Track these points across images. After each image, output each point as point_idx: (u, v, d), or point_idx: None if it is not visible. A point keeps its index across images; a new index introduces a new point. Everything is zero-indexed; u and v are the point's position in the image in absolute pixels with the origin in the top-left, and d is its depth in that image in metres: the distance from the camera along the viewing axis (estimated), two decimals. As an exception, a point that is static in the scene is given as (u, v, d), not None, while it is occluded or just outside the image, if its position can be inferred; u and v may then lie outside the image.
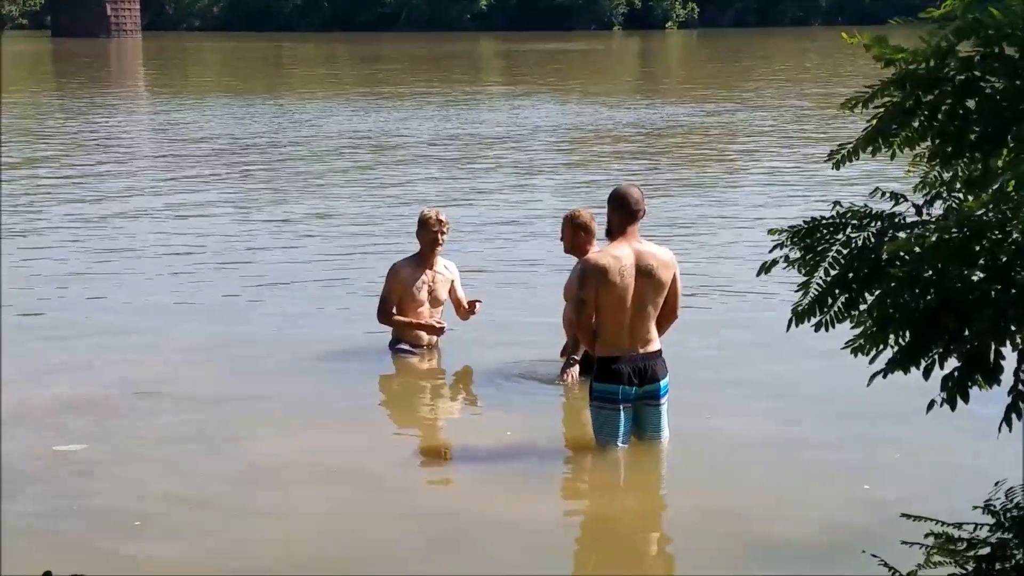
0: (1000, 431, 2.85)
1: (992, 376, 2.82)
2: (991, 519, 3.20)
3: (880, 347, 2.92)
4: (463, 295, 7.75)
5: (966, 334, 2.75)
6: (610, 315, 5.61)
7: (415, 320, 7.61)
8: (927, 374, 2.85)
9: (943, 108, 2.77)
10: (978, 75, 2.74)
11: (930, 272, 2.76)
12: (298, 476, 5.60)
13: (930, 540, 3.24)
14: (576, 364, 6.80)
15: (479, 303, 7.69)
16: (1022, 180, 2.59)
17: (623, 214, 5.69)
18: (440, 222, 7.58)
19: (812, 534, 4.95)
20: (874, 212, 3.01)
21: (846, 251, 2.96)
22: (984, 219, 2.69)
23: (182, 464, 5.72)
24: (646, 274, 5.62)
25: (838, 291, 2.97)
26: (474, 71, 43.69)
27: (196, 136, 20.96)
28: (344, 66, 46.17)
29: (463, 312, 7.76)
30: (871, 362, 2.94)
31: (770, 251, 3.10)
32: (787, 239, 3.07)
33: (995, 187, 2.73)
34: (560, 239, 7.04)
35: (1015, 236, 2.66)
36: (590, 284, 5.60)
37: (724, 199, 14.23)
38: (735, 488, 5.46)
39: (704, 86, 33.57)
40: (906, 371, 2.87)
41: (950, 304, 2.75)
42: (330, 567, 4.67)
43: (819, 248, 2.98)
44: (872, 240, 2.93)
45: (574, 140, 20.56)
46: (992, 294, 2.70)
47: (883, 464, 5.76)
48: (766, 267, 3.11)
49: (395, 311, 7.61)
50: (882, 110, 2.87)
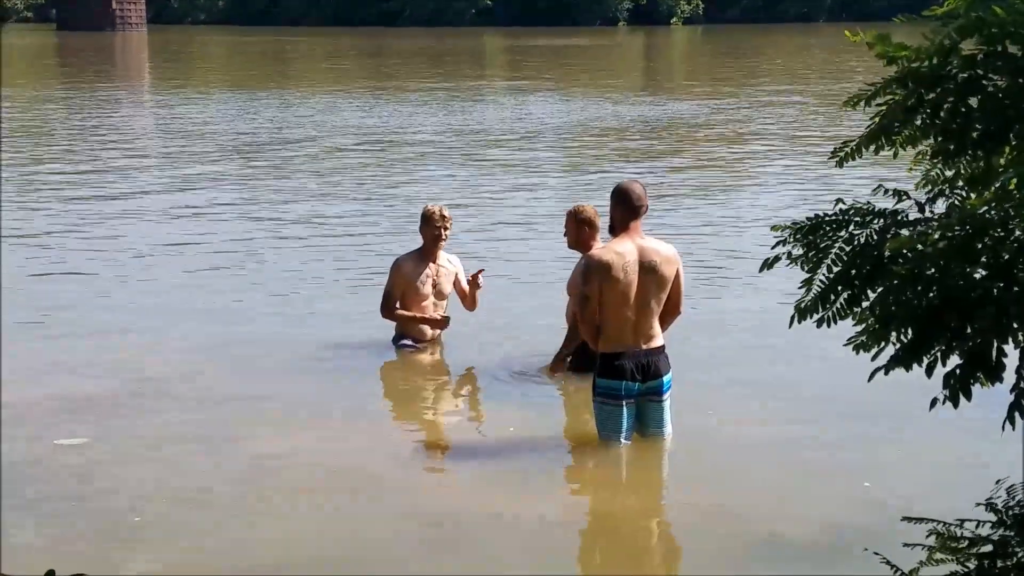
0: (1004, 429, 2.85)
1: (994, 374, 2.82)
2: (993, 517, 3.20)
3: (882, 344, 2.92)
4: (468, 286, 7.75)
5: (968, 332, 2.75)
6: (613, 311, 5.61)
7: (419, 314, 7.61)
8: (929, 371, 2.86)
9: (946, 106, 2.77)
10: (981, 73, 2.74)
11: (932, 270, 2.76)
12: (299, 475, 5.60)
13: (932, 539, 3.24)
14: (567, 357, 6.79)
15: (482, 272, 7.66)
16: (1024, 178, 2.59)
17: (626, 210, 5.69)
18: (443, 217, 7.58)
19: (813, 533, 4.95)
20: (877, 209, 3.01)
21: (849, 248, 2.96)
22: (986, 217, 2.69)
23: (182, 463, 5.72)
24: (649, 270, 5.62)
25: (840, 288, 2.98)
26: (478, 67, 43.66)
27: (200, 131, 20.96)
28: (348, 61, 46.14)
29: (470, 302, 7.76)
30: (873, 359, 2.94)
31: (773, 248, 3.11)
32: (790, 236, 3.07)
33: (997, 185, 2.73)
34: (564, 234, 7.04)
35: (1017, 234, 2.66)
36: (593, 280, 5.60)
37: (727, 195, 14.22)
38: (737, 486, 5.46)
39: (708, 82, 33.54)
40: (908, 368, 2.87)
41: (952, 302, 2.75)
42: (330, 567, 4.67)
43: (822, 245, 2.99)
44: (875, 237, 2.94)
45: (578, 136, 20.55)
46: (994, 292, 2.70)
47: (885, 463, 5.76)
48: (768, 263, 3.12)
49: (399, 305, 7.61)
50: (885, 108, 2.88)
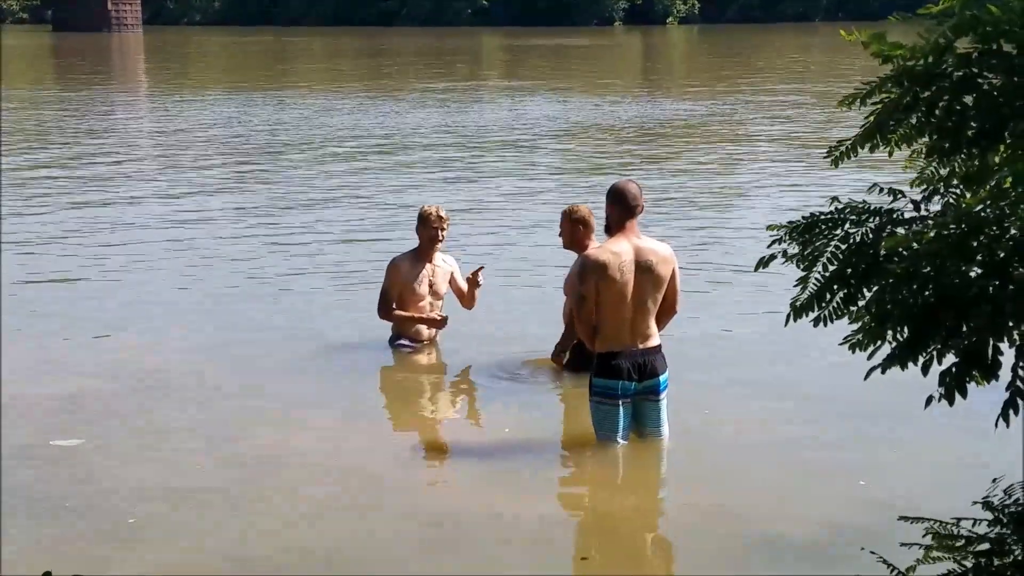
0: (996, 426, 2.85)
1: (990, 372, 2.82)
2: (990, 515, 3.20)
3: (878, 343, 2.92)
4: (464, 285, 7.75)
5: (964, 330, 2.75)
6: (610, 311, 5.61)
7: (416, 314, 7.61)
8: (925, 370, 2.86)
9: (941, 104, 2.77)
10: (976, 71, 2.74)
11: (928, 268, 2.76)
12: (296, 475, 5.59)
13: (929, 537, 3.24)
14: (566, 349, 6.80)
15: (482, 270, 7.67)
16: (1020, 176, 2.59)
17: (622, 209, 5.69)
18: (440, 218, 7.58)
19: (811, 532, 4.95)
20: (872, 208, 3.01)
21: (844, 247, 2.96)
22: (982, 215, 2.69)
23: (179, 463, 5.72)
24: (645, 269, 5.62)
25: (836, 286, 2.98)
26: (476, 67, 43.66)
27: (196, 132, 20.96)
28: (345, 61, 46.13)
29: (467, 301, 7.76)
30: (869, 358, 2.94)
31: (768, 246, 3.11)
32: (785, 234, 3.07)
33: (993, 183, 2.73)
34: (559, 235, 7.04)
35: (1013, 232, 2.66)
36: (590, 280, 5.60)
37: (723, 195, 14.23)
38: (734, 486, 5.46)
39: (705, 82, 33.55)
40: (904, 367, 2.87)
41: (948, 300, 2.75)
42: (329, 566, 4.67)
43: (817, 244, 2.99)
44: (870, 236, 2.94)
45: (575, 136, 20.55)
46: (990, 290, 2.70)
47: (882, 462, 5.76)
48: (764, 262, 3.12)
49: (396, 306, 7.61)
50: (880, 107, 2.88)
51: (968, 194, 2.82)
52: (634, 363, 5.67)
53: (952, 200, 2.95)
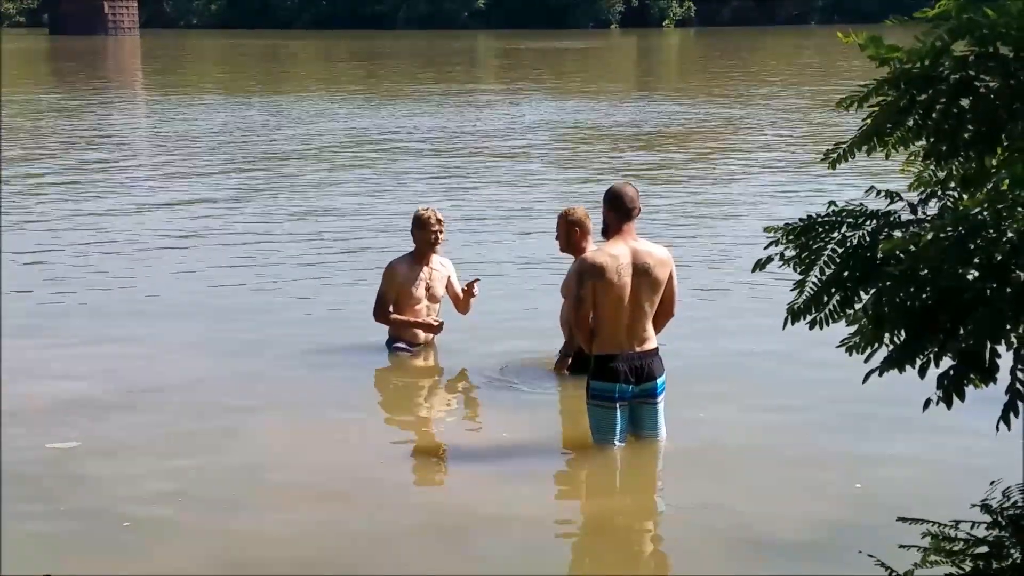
0: (998, 430, 2.85)
1: (988, 375, 2.82)
2: (988, 518, 3.20)
3: (875, 345, 2.92)
4: (460, 290, 7.74)
5: (961, 332, 2.75)
6: (607, 313, 5.61)
7: (413, 318, 7.60)
8: (922, 372, 2.86)
9: (938, 107, 2.77)
10: (972, 75, 2.74)
11: (925, 271, 2.76)
12: (293, 479, 5.58)
13: (927, 540, 3.24)
14: (568, 358, 6.80)
15: (477, 282, 7.67)
16: (1017, 179, 2.59)
17: (618, 213, 5.69)
18: (438, 221, 7.59)
19: (809, 535, 4.95)
20: (869, 211, 3.01)
21: (841, 250, 2.96)
22: (979, 217, 2.69)
23: (177, 465, 5.71)
24: (643, 272, 5.62)
25: (833, 289, 2.98)
26: (472, 69, 43.68)
27: (193, 135, 20.94)
28: (342, 64, 46.14)
29: (462, 306, 7.75)
30: (866, 360, 2.94)
31: (765, 248, 3.11)
32: (782, 237, 3.07)
33: (990, 186, 2.73)
34: (556, 237, 7.04)
35: (1010, 235, 2.66)
36: (587, 283, 5.60)
37: (720, 197, 14.22)
38: (732, 489, 5.46)
39: (701, 84, 33.58)
40: (901, 370, 2.87)
41: (946, 302, 2.75)
42: (326, 569, 4.66)
43: (814, 247, 2.99)
44: (867, 239, 2.94)
45: (572, 138, 20.55)
46: (988, 292, 2.70)
47: (879, 464, 5.76)
48: (761, 264, 3.12)
49: (392, 309, 7.60)
50: (877, 109, 2.87)
51: (965, 197, 2.82)
52: (631, 366, 5.66)
53: (949, 203, 2.95)
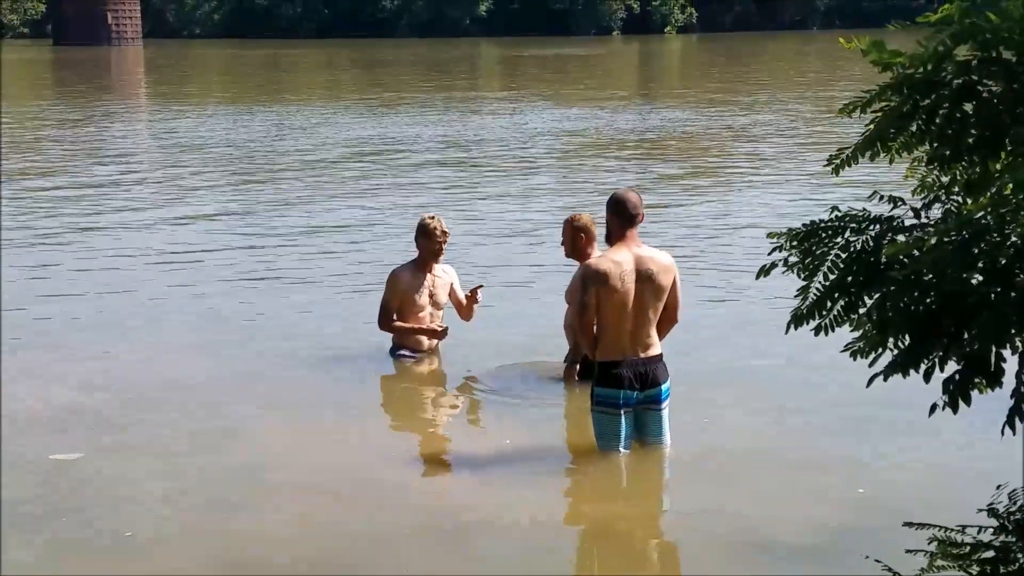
0: (1003, 434, 2.84)
1: (993, 379, 2.81)
2: (995, 522, 3.20)
3: (880, 350, 2.92)
4: (463, 296, 7.75)
5: (966, 337, 2.74)
6: (611, 320, 5.61)
7: (417, 325, 7.61)
8: (927, 377, 2.85)
9: (941, 112, 2.77)
10: (975, 79, 2.74)
11: (930, 275, 2.76)
12: (297, 486, 5.57)
13: (933, 545, 3.23)
14: (578, 364, 6.79)
15: (480, 289, 7.68)
16: (1021, 183, 2.59)
17: (622, 219, 5.69)
18: (444, 233, 7.60)
19: (815, 540, 4.94)
20: (873, 216, 3.01)
21: (845, 255, 2.96)
22: (983, 222, 2.69)
23: (181, 475, 5.70)
24: (646, 278, 5.62)
25: (837, 294, 2.97)
26: (475, 76, 43.72)
27: (196, 144, 20.97)
28: (344, 72, 46.21)
29: (465, 312, 7.76)
30: (871, 365, 2.94)
31: (769, 254, 3.10)
32: (786, 243, 3.07)
33: (993, 190, 2.73)
34: (561, 243, 7.04)
35: (1014, 239, 2.66)
36: (591, 289, 5.60)
37: (724, 203, 14.22)
38: (737, 495, 5.45)
39: (703, 90, 33.59)
40: (905, 374, 2.87)
41: (950, 307, 2.75)
42: (327, 570, 4.66)
43: (818, 252, 2.99)
44: (871, 244, 2.94)
45: (575, 145, 20.57)
46: (992, 297, 2.70)
47: (885, 469, 5.75)
48: (765, 270, 3.12)
49: (396, 317, 7.61)
50: (880, 115, 2.87)
51: (969, 201, 2.82)
52: (635, 372, 5.66)
53: (953, 207, 2.95)
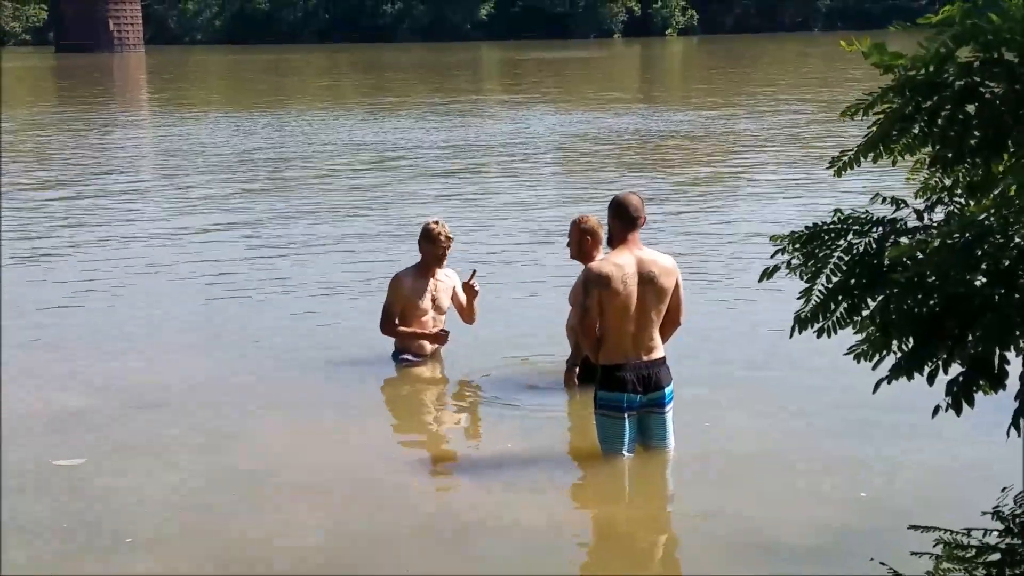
0: (1008, 436, 2.84)
1: (997, 381, 2.81)
2: (1000, 525, 3.19)
3: (883, 353, 2.91)
4: (465, 298, 7.74)
5: (970, 339, 2.74)
6: (613, 323, 5.60)
7: (419, 330, 7.60)
8: (931, 379, 2.85)
9: (943, 114, 2.76)
10: (977, 80, 2.74)
11: (933, 277, 2.75)
12: (299, 492, 5.56)
13: (939, 548, 3.22)
14: (577, 366, 6.78)
15: (475, 275, 7.67)
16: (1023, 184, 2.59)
17: (623, 221, 5.68)
18: (448, 238, 7.60)
19: (819, 541, 4.93)
20: (875, 218, 3.00)
21: (848, 257, 2.95)
22: (986, 223, 2.68)
23: (182, 480, 5.70)
24: (648, 281, 5.61)
25: (840, 297, 2.97)
26: (476, 80, 43.74)
27: (198, 150, 20.99)
28: (346, 77, 46.24)
29: (468, 315, 7.76)
30: (874, 368, 2.93)
31: (772, 257, 3.10)
32: (789, 245, 3.06)
33: (996, 192, 2.72)
34: (567, 244, 7.04)
35: (1017, 240, 2.65)
36: (593, 292, 5.59)
37: (726, 205, 14.22)
38: (741, 498, 5.43)
39: (705, 93, 33.59)
40: (910, 377, 2.86)
41: (953, 309, 2.74)
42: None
43: (820, 255, 2.98)
44: (874, 246, 2.93)
45: (577, 148, 20.57)
46: (996, 298, 2.69)
47: (891, 471, 5.74)
48: (768, 273, 3.11)
49: (399, 321, 7.61)
50: (882, 117, 2.87)
51: (972, 203, 2.81)
52: (638, 375, 5.65)
53: (956, 209, 2.94)
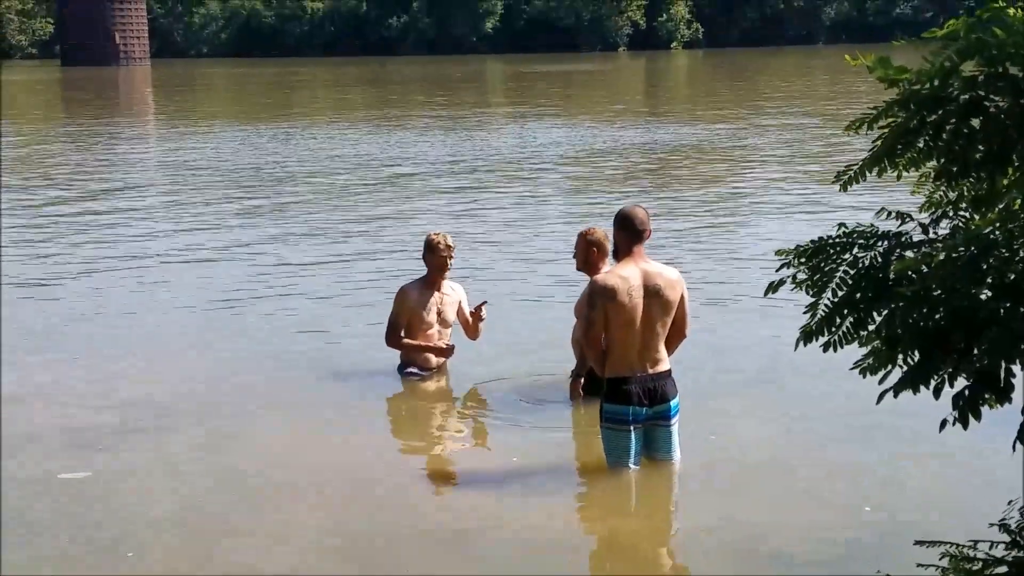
0: (1014, 450, 2.84)
1: (1003, 394, 2.81)
2: (1007, 537, 3.19)
3: (889, 367, 2.91)
4: (470, 316, 7.75)
5: (976, 353, 2.74)
6: (619, 335, 5.61)
7: (424, 343, 7.61)
8: (937, 393, 2.85)
9: (948, 128, 2.77)
10: (982, 95, 2.74)
11: (938, 291, 2.76)
12: (304, 505, 5.56)
13: (945, 560, 3.22)
14: (581, 378, 6.78)
15: (485, 305, 7.68)
16: (1029, 198, 2.59)
17: (629, 234, 5.70)
18: (448, 247, 7.60)
19: (827, 556, 4.92)
20: (880, 232, 3.01)
21: (853, 271, 2.96)
22: (991, 237, 2.69)
23: (187, 494, 5.70)
24: (654, 294, 5.62)
25: (846, 311, 2.97)
26: (481, 94, 43.82)
27: (204, 163, 21.03)
28: (351, 90, 46.34)
29: (472, 331, 7.77)
30: (880, 382, 2.93)
31: (777, 271, 3.11)
32: (794, 259, 3.07)
33: (1001, 206, 2.73)
34: (573, 256, 7.06)
35: (1023, 254, 2.66)
36: (598, 305, 5.60)
37: (731, 219, 14.23)
38: (747, 512, 5.43)
39: (710, 106, 33.63)
40: (915, 391, 2.86)
41: (959, 323, 2.75)
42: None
43: (826, 269, 2.99)
44: (879, 260, 2.94)
45: (582, 161, 20.59)
46: (1001, 312, 2.69)
47: (896, 484, 5.73)
48: (773, 287, 3.12)
49: (404, 334, 7.62)
50: (887, 131, 2.88)
51: (977, 217, 2.82)
52: (644, 388, 5.65)
53: (961, 223, 2.95)
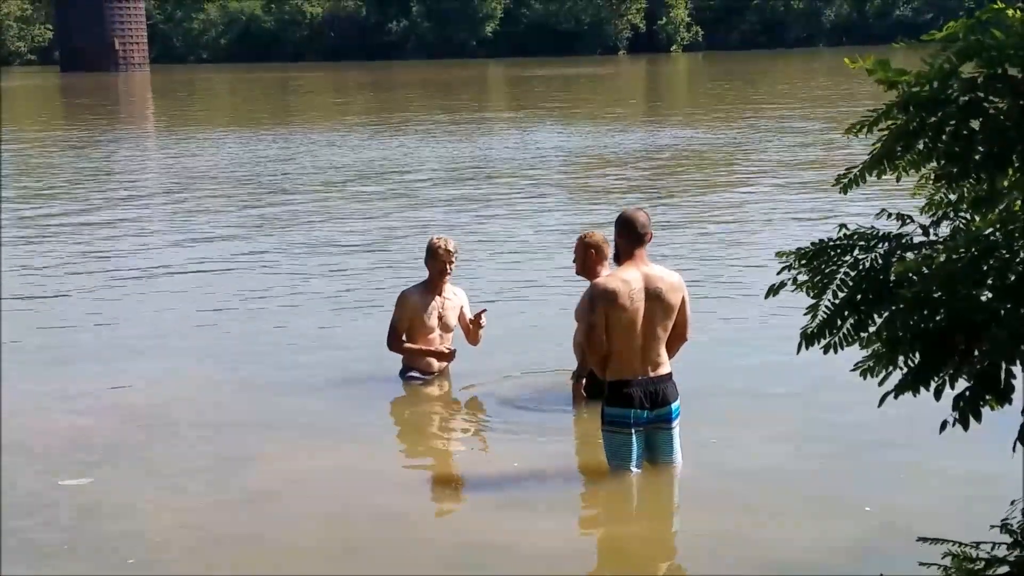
0: (1014, 451, 2.84)
1: (1004, 396, 2.81)
2: (1008, 538, 3.19)
3: (890, 368, 2.92)
4: (470, 320, 7.75)
5: (976, 354, 2.74)
6: (620, 339, 5.61)
7: (425, 347, 7.61)
8: (938, 395, 2.85)
9: (947, 129, 2.77)
10: (981, 96, 2.75)
11: (939, 293, 2.76)
12: (306, 512, 5.56)
13: (948, 560, 3.23)
14: (582, 382, 6.78)
15: (484, 313, 7.69)
16: (1029, 199, 2.60)
17: (630, 238, 5.70)
18: (449, 251, 7.60)
19: (828, 557, 4.92)
20: (881, 233, 3.01)
21: (854, 273, 2.96)
22: (992, 238, 2.69)
23: (188, 500, 5.70)
24: (655, 297, 5.62)
25: (847, 313, 2.98)
26: (482, 98, 43.85)
27: (204, 169, 21.04)
28: (352, 96, 46.38)
29: (473, 336, 7.77)
30: (881, 384, 2.94)
31: (778, 273, 3.11)
32: (795, 262, 3.08)
33: (1002, 207, 2.74)
34: (573, 260, 7.06)
35: (1023, 255, 2.66)
36: (599, 308, 5.61)
37: (732, 222, 14.23)
38: (749, 514, 5.43)
39: (710, 109, 33.65)
40: (916, 393, 2.87)
41: (960, 324, 2.75)
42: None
43: (827, 270, 2.99)
44: (880, 262, 2.94)
45: (582, 165, 20.61)
46: (1002, 313, 2.70)
47: (897, 486, 5.73)
48: (774, 290, 3.12)
49: (406, 338, 7.62)
50: (887, 133, 2.88)
51: (977, 218, 2.82)
52: (645, 391, 5.66)
53: (961, 224, 2.96)
